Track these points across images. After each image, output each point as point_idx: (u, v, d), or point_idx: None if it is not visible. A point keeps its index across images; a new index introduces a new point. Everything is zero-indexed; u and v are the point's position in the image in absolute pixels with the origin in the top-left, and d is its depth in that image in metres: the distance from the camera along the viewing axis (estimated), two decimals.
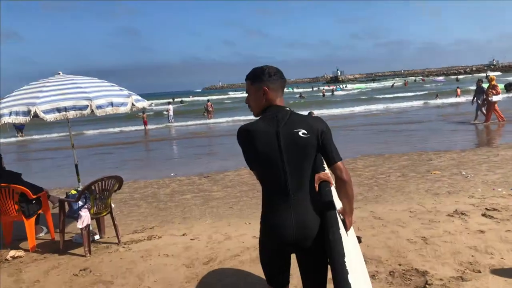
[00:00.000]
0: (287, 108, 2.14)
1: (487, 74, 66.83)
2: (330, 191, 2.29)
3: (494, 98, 14.03)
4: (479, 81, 15.41)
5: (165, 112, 27.88)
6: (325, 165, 2.32)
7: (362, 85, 74.10)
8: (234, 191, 7.22)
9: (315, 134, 2.02)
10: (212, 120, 26.17)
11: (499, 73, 75.35)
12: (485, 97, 14.33)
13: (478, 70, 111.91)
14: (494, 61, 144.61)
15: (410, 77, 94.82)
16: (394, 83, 67.93)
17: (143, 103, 5.42)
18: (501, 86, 18.47)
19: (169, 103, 28.71)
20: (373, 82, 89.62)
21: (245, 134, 2.09)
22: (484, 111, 14.47)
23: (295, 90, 69.49)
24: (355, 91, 58.75)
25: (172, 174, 9.33)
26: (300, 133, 2.01)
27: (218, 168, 9.66)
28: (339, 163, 2.05)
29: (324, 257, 2.08)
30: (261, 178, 2.15)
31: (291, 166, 2.03)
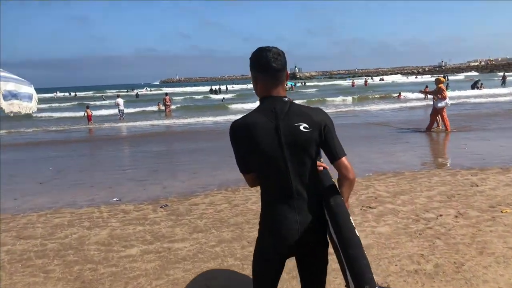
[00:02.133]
0: (286, 99, 1.94)
1: (445, 75, 67.30)
2: (328, 173, 2.16)
3: (440, 104, 12.04)
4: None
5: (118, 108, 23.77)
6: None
7: (321, 83, 72.50)
8: (209, 239, 4.56)
9: (318, 128, 1.88)
10: (173, 120, 21.68)
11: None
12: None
13: (430, 71, 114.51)
14: (443, 63, 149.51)
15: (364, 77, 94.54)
16: (353, 81, 66.08)
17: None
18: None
19: (118, 95, 25.15)
20: (331, 80, 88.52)
21: (242, 130, 1.90)
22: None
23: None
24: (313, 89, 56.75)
25: (115, 199, 6.51)
26: (301, 128, 1.86)
27: (181, 189, 6.94)
28: (343, 158, 1.92)
29: (326, 257, 2.03)
30: (260, 178, 1.98)
31: (293, 164, 1.89)
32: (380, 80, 74.08)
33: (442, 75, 65.07)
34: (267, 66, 1.91)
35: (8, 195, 7.13)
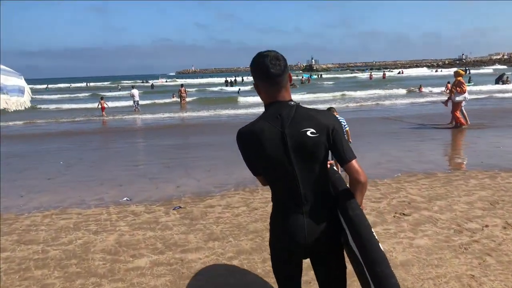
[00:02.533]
0: (292, 103, 1.89)
1: (466, 68, 64.66)
2: (341, 176, 2.14)
3: (457, 98, 11.55)
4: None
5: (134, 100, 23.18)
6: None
7: (339, 76, 71.03)
8: (226, 250, 4.09)
9: (325, 132, 1.83)
10: (188, 112, 21.05)
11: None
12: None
13: (451, 64, 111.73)
14: (464, 56, 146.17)
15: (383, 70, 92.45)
16: (371, 73, 64.34)
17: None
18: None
19: (132, 86, 24.72)
20: (346, 73, 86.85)
21: (248, 137, 1.89)
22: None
23: None
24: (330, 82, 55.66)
25: (125, 199, 6.10)
26: (308, 133, 1.82)
27: (195, 189, 6.49)
28: (353, 161, 1.86)
29: (342, 262, 2.00)
30: (269, 184, 1.98)
31: (302, 170, 1.86)
32: (398, 73, 72.36)
33: (462, 68, 63.02)
34: (266, 73, 1.86)
35: (14, 192, 6.78)
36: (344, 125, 6.50)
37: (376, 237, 1.81)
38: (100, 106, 21.34)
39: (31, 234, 4.80)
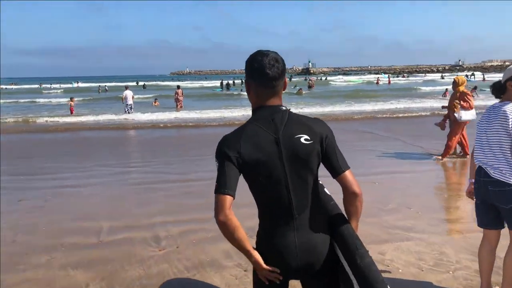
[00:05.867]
0: (283, 108, 1.80)
1: (469, 74, 61.41)
2: (336, 204, 1.98)
3: (464, 116, 8.00)
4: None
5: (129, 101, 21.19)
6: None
7: (337, 82, 68.84)
8: None
9: (319, 140, 1.76)
10: (184, 114, 19.47)
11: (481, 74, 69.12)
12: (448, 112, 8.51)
13: (451, 70, 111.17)
14: (460, 62, 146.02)
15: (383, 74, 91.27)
16: (378, 78, 62.21)
17: None
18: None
19: (126, 87, 22.85)
20: (345, 76, 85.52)
21: (237, 143, 1.71)
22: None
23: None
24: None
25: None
26: (302, 140, 1.73)
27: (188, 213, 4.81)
28: (347, 172, 1.77)
29: (336, 281, 1.86)
30: (258, 195, 1.81)
31: (294, 179, 1.75)
32: (402, 77, 71.49)
33: (463, 74, 60.26)
34: (261, 73, 1.73)
35: None
36: None
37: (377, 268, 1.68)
38: (69, 107, 20.54)
39: None
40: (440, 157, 8.33)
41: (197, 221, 5.14)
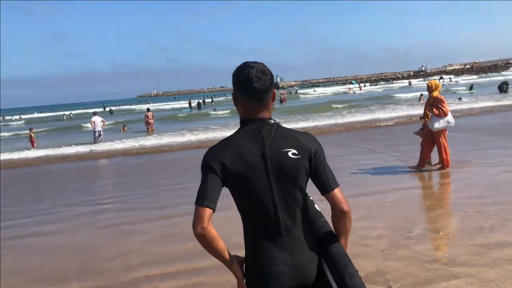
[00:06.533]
0: (272, 121, 1.72)
1: (440, 77, 63.00)
2: (326, 221, 1.87)
3: (437, 124, 7.32)
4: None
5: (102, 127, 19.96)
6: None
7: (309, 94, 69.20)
8: None
9: (307, 154, 1.68)
10: (157, 140, 17.42)
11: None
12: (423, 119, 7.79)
13: (416, 76, 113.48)
14: (423, 67, 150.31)
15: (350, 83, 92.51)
16: (350, 88, 63.58)
17: None
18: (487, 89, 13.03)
19: (94, 113, 21.47)
20: (317, 87, 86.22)
21: (222, 155, 1.64)
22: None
23: None
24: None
25: None
26: (289, 154, 1.65)
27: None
28: (336, 190, 1.70)
29: None
30: (243, 212, 1.72)
31: (281, 195, 1.67)
32: (370, 85, 72.92)
33: (435, 78, 60.92)
34: (248, 86, 1.66)
35: None
36: None
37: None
38: (30, 139, 19.31)
39: None
40: (414, 168, 7.71)
41: (188, 273, 4.17)
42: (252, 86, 1.64)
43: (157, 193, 8.08)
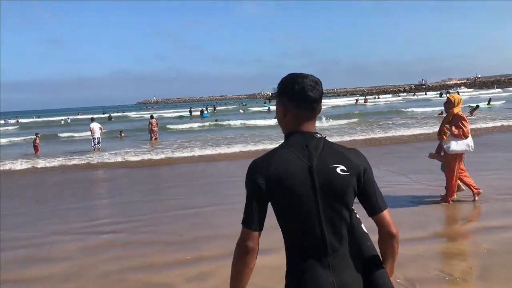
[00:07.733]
0: (319, 135, 1.64)
1: (448, 91, 60.99)
2: (373, 245, 1.69)
3: (453, 146, 6.10)
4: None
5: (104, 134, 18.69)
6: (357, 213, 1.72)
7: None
8: None
9: (356, 172, 1.57)
10: (162, 154, 14.98)
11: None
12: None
13: (417, 89, 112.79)
14: (423, 81, 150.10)
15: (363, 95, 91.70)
16: (357, 99, 64.60)
17: None
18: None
19: (92, 119, 20.02)
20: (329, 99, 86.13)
21: (267, 169, 1.55)
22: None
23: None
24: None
25: None
26: (338, 170, 1.55)
27: None
28: (385, 211, 1.59)
29: None
30: (287, 229, 1.61)
31: (327, 213, 1.56)
32: (374, 98, 72.34)
33: (454, 91, 58.26)
34: (303, 95, 1.60)
35: None
36: None
37: None
38: (33, 144, 18.03)
39: None
40: (445, 202, 6.38)
41: None
42: (307, 95, 1.59)
43: (171, 218, 6.63)
